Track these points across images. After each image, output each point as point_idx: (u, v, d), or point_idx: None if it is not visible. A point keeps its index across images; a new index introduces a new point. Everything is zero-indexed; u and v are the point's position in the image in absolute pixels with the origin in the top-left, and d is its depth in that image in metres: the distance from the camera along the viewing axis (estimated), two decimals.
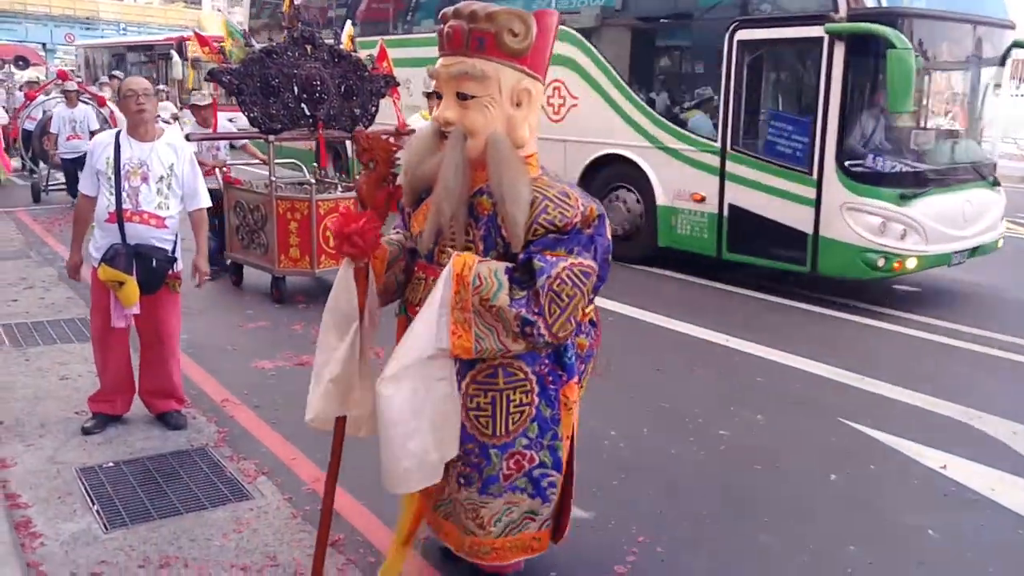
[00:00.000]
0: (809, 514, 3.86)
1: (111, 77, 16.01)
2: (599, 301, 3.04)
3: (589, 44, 9.29)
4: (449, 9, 2.61)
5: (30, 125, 13.96)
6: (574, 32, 9.31)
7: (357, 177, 2.92)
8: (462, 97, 2.57)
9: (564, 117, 9.66)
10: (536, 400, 2.74)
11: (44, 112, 13.27)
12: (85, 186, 4.41)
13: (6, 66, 19.91)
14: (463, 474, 2.78)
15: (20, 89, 16.72)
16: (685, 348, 6.38)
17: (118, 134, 4.38)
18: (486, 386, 2.69)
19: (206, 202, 4.63)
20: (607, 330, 6.71)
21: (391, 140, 2.74)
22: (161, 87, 16.51)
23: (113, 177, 4.25)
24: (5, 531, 3.34)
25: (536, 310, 2.49)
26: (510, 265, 2.59)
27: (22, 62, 19.85)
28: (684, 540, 3.59)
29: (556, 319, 2.51)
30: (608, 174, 9.38)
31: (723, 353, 6.24)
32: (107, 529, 3.48)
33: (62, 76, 13.66)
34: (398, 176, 2.72)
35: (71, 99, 11.63)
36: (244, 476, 3.98)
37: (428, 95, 8.04)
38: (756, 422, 4.91)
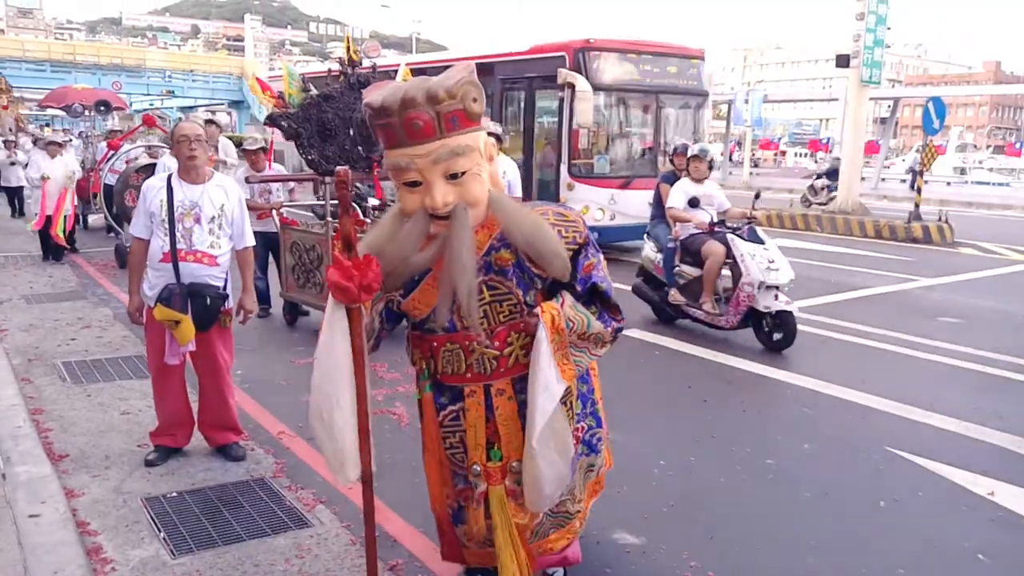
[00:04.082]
0: (858, 539, 3.89)
1: (208, 123, 14.01)
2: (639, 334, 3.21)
3: None
4: (390, 103, 2.55)
5: (112, 179, 12.18)
6: None
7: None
8: (452, 176, 2.62)
9: None
10: (575, 382, 2.97)
11: (127, 164, 11.83)
12: (138, 229, 4.55)
13: (86, 112, 18.98)
14: None
15: (104, 139, 14.92)
16: (731, 380, 6.43)
17: (169, 177, 4.55)
18: None
19: (251, 241, 4.80)
20: (653, 363, 6.82)
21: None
22: None
23: (167, 219, 4.42)
24: (80, 555, 3.50)
25: (620, 317, 2.97)
26: (572, 298, 2.86)
27: (103, 107, 18.73)
28: (735, 564, 3.63)
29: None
30: None
31: (769, 385, 6.27)
32: (174, 555, 3.61)
33: (148, 122, 12.43)
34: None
35: None
36: (303, 505, 4.09)
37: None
38: (803, 451, 4.94)
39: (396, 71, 8.06)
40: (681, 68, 12.81)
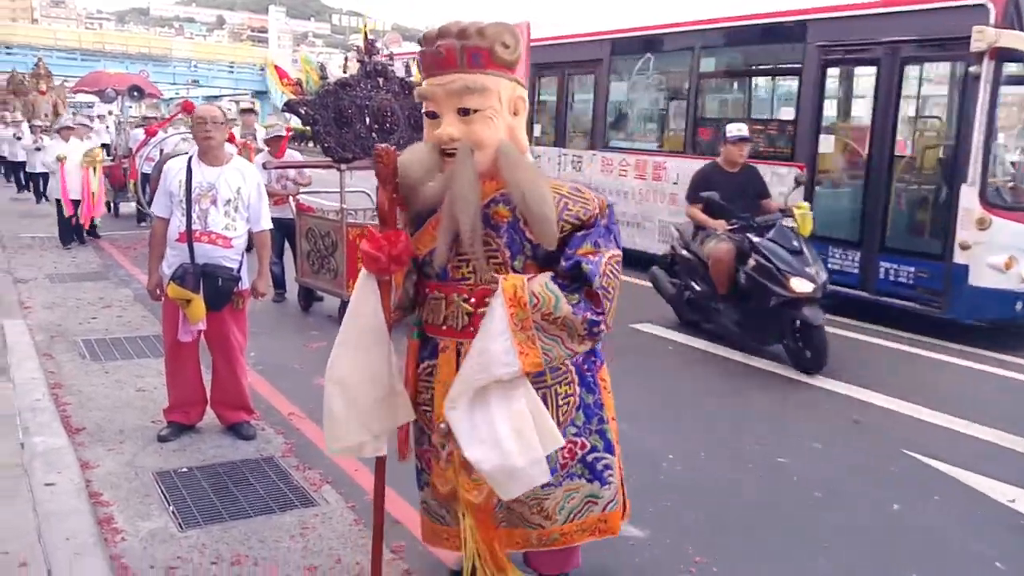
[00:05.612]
0: (869, 540, 3.85)
1: (243, 112, 13.13)
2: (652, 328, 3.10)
3: None
4: (431, 31, 2.68)
5: (148, 167, 11.89)
6: None
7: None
8: (464, 112, 2.64)
9: None
10: (577, 390, 2.83)
11: (161, 151, 11.69)
12: (159, 209, 4.64)
13: (119, 98, 18.82)
14: None
15: (137, 125, 14.94)
16: (744, 377, 6.40)
17: (190, 159, 4.61)
18: (536, 385, 2.71)
19: (268, 224, 4.85)
20: (667, 358, 6.79)
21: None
22: None
23: (184, 200, 4.49)
24: (91, 524, 3.55)
25: (599, 310, 2.61)
26: (551, 274, 2.66)
27: (136, 92, 18.56)
28: (741, 562, 3.61)
29: (610, 313, 2.65)
30: None
31: (782, 382, 6.24)
32: (182, 528, 3.65)
33: (188, 108, 12.45)
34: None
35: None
36: (310, 484, 4.12)
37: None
38: (816, 450, 4.91)
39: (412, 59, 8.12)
40: None
